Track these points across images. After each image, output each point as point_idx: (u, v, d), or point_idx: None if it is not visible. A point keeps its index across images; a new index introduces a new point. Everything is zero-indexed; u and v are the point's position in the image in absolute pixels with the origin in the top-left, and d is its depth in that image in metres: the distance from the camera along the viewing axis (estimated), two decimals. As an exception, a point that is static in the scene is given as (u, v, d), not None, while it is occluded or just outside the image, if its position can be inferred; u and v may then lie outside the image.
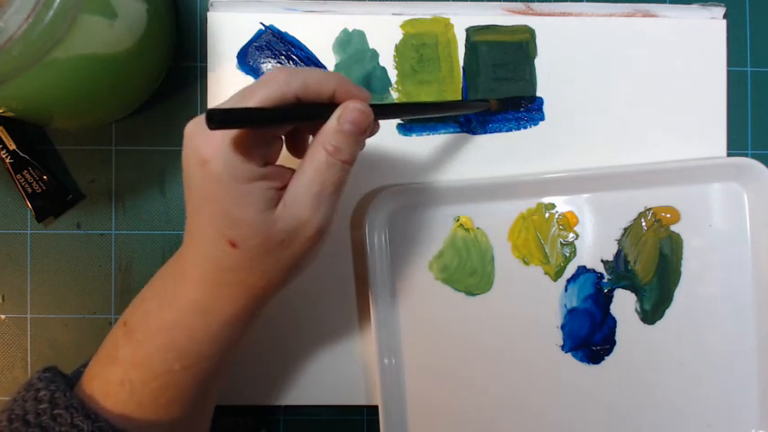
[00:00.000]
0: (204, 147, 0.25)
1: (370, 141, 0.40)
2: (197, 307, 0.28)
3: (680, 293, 0.40)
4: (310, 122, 0.28)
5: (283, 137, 0.30)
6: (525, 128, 0.40)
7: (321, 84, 0.27)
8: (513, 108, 0.40)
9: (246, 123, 0.24)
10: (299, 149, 0.31)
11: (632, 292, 0.40)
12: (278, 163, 0.29)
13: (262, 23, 0.40)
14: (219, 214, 0.26)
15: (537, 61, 0.40)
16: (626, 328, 0.40)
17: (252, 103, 0.26)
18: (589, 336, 0.40)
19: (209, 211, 0.26)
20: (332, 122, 0.27)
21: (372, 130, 0.30)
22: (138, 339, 0.29)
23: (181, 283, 0.28)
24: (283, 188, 0.27)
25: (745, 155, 0.41)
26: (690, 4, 0.41)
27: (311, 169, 0.27)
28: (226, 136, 0.25)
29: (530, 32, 0.40)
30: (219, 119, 0.22)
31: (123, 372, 0.28)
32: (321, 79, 0.27)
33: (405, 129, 0.40)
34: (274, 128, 0.28)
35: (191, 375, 0.29)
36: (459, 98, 0.40)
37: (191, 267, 0.28)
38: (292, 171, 0.28)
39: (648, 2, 0.41)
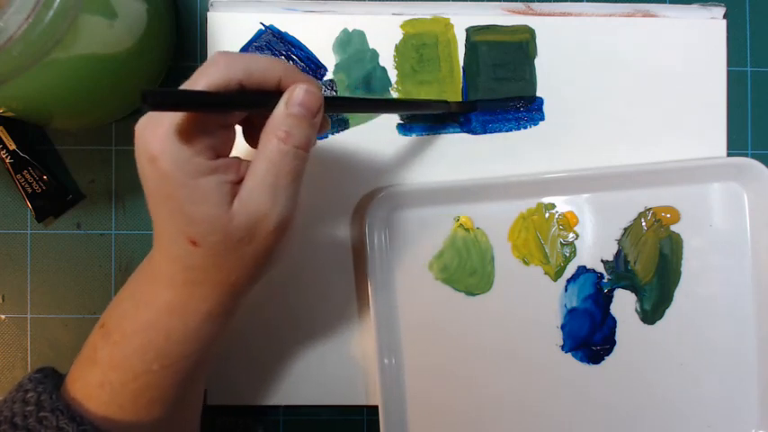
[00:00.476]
0: (152, 142, 0.25)
1: (370, 141, 0.40)
2: (172, 307, 0.28)
3: (680, 293, 0.40)
4: (256, 110, 0.27)
5: (240, 128, 0.29)
6: (525, 128, 0.40)
7: (266, 71, 0.26)
8: (470, 110, 0.40)
9: (184, 106, 0.23)
10: (257, 141, 0.29)
11: (632, 292, 0.40)
12: (242, 157, 0.28)
13: (262, 23, 0.40)
14: (176, 212, 0.25)
15: (537, 61, 0.40)
16: (626, 328, 0.40)
17: (195, 88, 0.25)
18: (589, 336, 0.40)
19: (166, 210, 0.26)
20: (280, 108, 0.26)
21: (324, 124, 0.29)
22: (115, 341, 0.28)
23: (154, 284, 0.28)
24: (239, 181, 0.26)
25: (745, 155, 0.41)
26: (690, 4, 0.41)
27: (264, 160, 0.26)
28: (171, 127, 0.24)
29: (530, 32, 0.40)
30: (154, 100, 0.21)
31: (102, 373, 0.28)
32: (265, 66, 0.26)
33: (405, 129, 0.40)
34: (217, 114, 0.26)
35: (170, 375, 0.28)
36: (460, 98, 0.40)
37: (160, 268, 0.28)
38: (248, 163, 0.27)
39: (648, 2, 0.41)
